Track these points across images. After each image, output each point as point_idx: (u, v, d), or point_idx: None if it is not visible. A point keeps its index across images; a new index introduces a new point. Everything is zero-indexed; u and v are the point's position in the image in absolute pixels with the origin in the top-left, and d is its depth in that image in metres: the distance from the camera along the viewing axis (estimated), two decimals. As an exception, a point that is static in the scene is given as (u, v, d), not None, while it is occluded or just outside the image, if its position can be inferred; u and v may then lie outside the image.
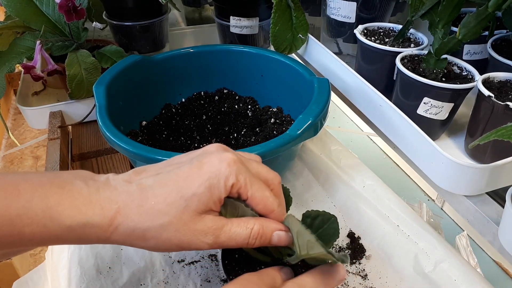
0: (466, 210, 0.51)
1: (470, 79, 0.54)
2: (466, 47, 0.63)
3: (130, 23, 0.79)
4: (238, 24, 0.79)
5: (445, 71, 0.56)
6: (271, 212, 0.34)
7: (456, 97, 0.53)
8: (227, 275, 0.38)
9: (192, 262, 0.48)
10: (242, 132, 0.64)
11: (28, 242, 0.30)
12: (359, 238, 0.51)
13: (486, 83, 0.52)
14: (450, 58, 0.57)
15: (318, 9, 0.84)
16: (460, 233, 0.71)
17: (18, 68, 0.74)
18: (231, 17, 0.79)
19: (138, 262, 0.48)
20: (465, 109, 0.58)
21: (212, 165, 0.32)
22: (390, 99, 0.57)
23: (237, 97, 0.69)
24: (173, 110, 0.67)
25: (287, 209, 0.39)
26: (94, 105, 0.55)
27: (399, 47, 0.62)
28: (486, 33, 0.58)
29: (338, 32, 0.76)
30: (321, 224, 0.37)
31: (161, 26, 0.83)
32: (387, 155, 1.02)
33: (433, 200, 0.90)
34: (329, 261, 0.33)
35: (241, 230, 0.33)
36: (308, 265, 0.37)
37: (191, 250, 0.32)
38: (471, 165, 0.46)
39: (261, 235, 0.33)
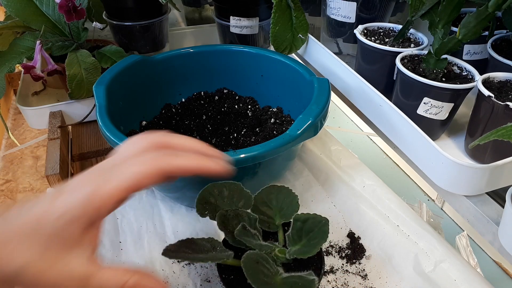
0: (466, 210, 0.51)
1: (470, 79, 0.54)
2: (466, 47, 0.63)
3: (130, 23, 0.79)
4: (238, 24, 0.79)
5: (445, 71, 0.56)
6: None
7: (456, 97, 0.53)
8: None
9: (192, 262, 0.48)
10: (242, 132, 0.64)
11: None
12: (359, 238, 0.51)
13: (486, 83, 0.52)
14: (450, 58, 0.57)
15: (318, 9, 0.84)
16: (460, 233, 0.71)
17: (18, 68, 0.74)
18: (231, 17, 0.79)
19: (138, 262, 0.48)
20: (465, 109, 0.58)
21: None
22: (390, 99, 0.57)
23: (237, 97, 0.69)
24: (173, 110, 0.67)
25: (292, 214, 0.39)
26: (94, 105, 0.55)
27: (399, 47, 0.62)
28: (486, 33, 0.58)
29: (338, 32, 0.76)
30: (312, 227, 0.37)
31: (161, 26, 0.83)
32: (387, 155, 1.02)
33: (433, 200, 0.90)
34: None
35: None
36: (300, 264, 0.37)
37: None
38: (471, 165, 0.46)
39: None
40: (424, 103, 0.54)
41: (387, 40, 0.65)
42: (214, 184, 0.43)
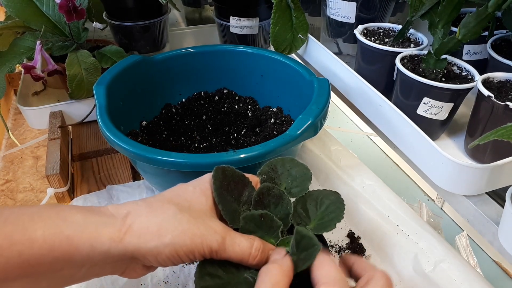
0: (466, 210, 0.51)
1: (470, 79, 0.54)
2: (466, 47, 0.63)
3: (130, 23, 0.79)
4: (238, 24, 0.79)
5: (445, 71, 0.56)
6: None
7: (455, 97, 0.53)
8: None
9: (192, 262, 0.48)
10: (242, 132, 0.64)
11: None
12: (359, 238, 0.51)
13: (485, 83, 0.52)
14: (450, 58, 0.57)
15: (318, 9, 0.84)
16: (460, 233, 0.71)
17: (19, 68, 0.74)
18: (231, 17, 0.79)
19: (138, 262, 0.47)
20: (465, 109, 0.58)
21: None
22: (390, 99, 0.57)
23: (237, 97, 0.69)
24: (173, 110, 0.67)
25: (325, 230, 0.38)
26: (94, 105, 0.55)
27: (399, 47, 0.62)
28: (486, 33, 0.58)
29: (338, 32, 0.76)
30: (306, 247, 0.34)
31: (161, 26, 0.83)
32: (387, 155, 1.02)
33: (433, 200, 0.90)
34: None
35: (244, 240, 0.33)
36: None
37: (199, 251, 0.31)
38: (471, 165, 0.46)
39: (262, 250, 0.33)
40: (424, 103, 0.54)
41: (387, 40, 0.65)
42: (293, 160, 0.41)
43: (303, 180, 0.40)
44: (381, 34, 0.67)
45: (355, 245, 0.50)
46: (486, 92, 0.49)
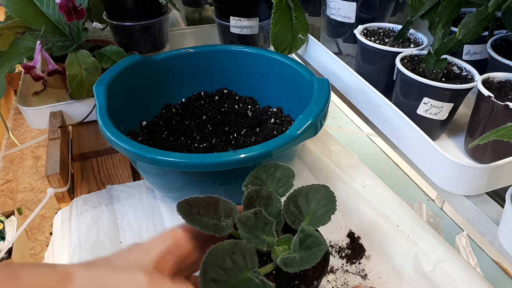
0: (466, 210, 0.51)
1: (470, 79, 0.54)
2: (466, 47, 0.63)
3: (130, 23, 0.79)
4: (238, 24, 0.79)
5: (445, 71, 0.56)
6: None
7: (456, 97, 0.53)
8: None
9: None
10: (242, 132, 0.64)
11: None
12: (359, 238, 0.51)
13: (486, 83, 0.52)
14: (450, 58, 0.57)
15: (318, 9, 0.84)
16: (460, 233, 0.71)
17: (19, 68, 0.74)
18: (231, 17, 0.79)
19: (138, 262, 0.47)
20: (465, 109, 0.58)
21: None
22: (390, 99, 0.57)
23: (237, 97, 0.70)
24: (173, 110, 0.67)
25: (320, 225, 0.37)
26: (94, 105, 0.55)
27: (399, 47, 0.62)
28: (486, 33, 0.58)
29: (338, 32, 0.76)
30: (310, 246, 0.35)
31: (161, 26, 0.83)
32: (387, 155, 1.02)
33: (433, 200, 0.90)
34: None
35: None
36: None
37: None
38: (471, 165, 0.46)
39: None
40: (424, 103, 0.54)
41: (387, 40, 0.65)
42: (276, 164, 0.41)
43: (287, 179, 0.41)
44: (381, 34, 0.67)
45: (355, 245, 0.50)
46: (486, 92, 0.49)
